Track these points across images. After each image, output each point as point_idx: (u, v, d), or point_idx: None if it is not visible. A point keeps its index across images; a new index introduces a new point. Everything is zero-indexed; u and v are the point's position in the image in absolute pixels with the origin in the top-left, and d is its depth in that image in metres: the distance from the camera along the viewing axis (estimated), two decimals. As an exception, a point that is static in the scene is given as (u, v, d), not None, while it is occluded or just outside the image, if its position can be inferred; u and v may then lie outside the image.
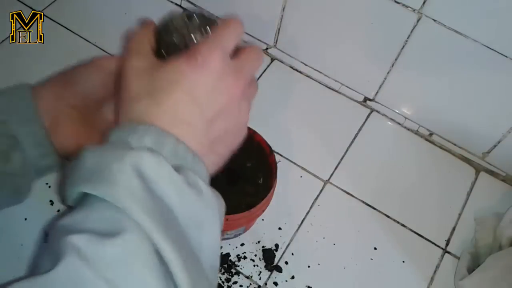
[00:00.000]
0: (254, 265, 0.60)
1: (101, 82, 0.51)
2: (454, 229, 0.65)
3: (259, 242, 0.61)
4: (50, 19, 0.77)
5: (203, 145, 0.37)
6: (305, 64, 0.75)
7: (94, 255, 0.29)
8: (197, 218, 0.34)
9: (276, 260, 0.60)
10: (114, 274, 0.28)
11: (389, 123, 0.73)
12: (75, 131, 0.49)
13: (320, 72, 0.75)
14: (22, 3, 0.78)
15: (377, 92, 0.72)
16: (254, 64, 0.41)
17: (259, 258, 0.60)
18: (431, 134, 0.72)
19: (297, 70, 0.76)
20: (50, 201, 0.61)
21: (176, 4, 0.80)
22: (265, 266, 0.60)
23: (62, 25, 0.77)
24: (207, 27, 0.42)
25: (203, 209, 0.34)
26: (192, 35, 0.41)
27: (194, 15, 0.42)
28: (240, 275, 0.59)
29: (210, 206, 0.35)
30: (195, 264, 0.33)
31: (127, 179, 0.31)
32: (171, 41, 0.41)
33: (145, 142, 0.34)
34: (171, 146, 0.34)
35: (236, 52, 0.41)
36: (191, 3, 0.79)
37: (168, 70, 0.36)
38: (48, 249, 0.31)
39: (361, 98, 0.74)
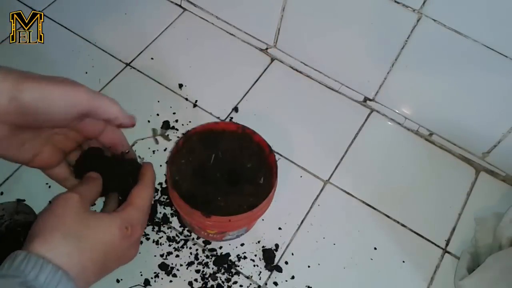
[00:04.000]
0: (254, 265, 0.60)
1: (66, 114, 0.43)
2: (454, 229, 0.65)
3: (259, 242, 0.61)
4: (50, 19, 0.77)
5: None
6: (305, 64, 0.75)
7: None
8: None
9: (276, 260, 0.60)
10: None
11: (389, 123, 0.73)
12: None
13: (320, 72, 0.75)
14: (22, 3, 0.78)
15: (377, 92, 0.72)
16: None
17: (259, 258, 0.60)
18: (431, 134, 0.72)
19: (297, 70, 0.76)
20: (49, 201, 0.61)
21: (176, 4, 0.80)
22: (265, 266, 0.60)
23: (62, 25, 0.77)
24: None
25: None
26: None
27: None
28: (240, 275, 0.59)
29: None
30: None
31: None
32: None
33: None
34: None
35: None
36: (191, 3, 0.79)
37: (101, 225, 0.43)
38: None
39: (361, 98, 0.74)
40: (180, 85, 0.73)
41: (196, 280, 0.58)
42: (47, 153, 0.47)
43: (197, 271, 0.59)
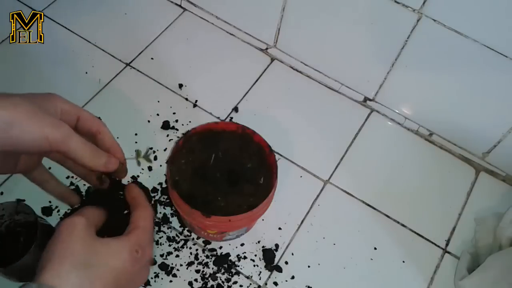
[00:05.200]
0: (254, 265, 0.60)
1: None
2: (454, 229, 0.65)
3: (259, 242, 0.61)
4: (50, 19, 0.77)
5: None
6: (305, 64, 0.75)
7: None
8: None
9: (276, 260, 0.60)
10: None
11: (389, 123, 0.73)
12: None
13: (320, 72, 0.75)
14: (22, 3, 0.78)
15: (377, 92, 0.72)
16: None
17: (259, 258, 0.60)
18: (431, 134, 0.72)
19: (297, 70, 0.76)
20: (49, 201, 0.61)
21: (176, 4, 0.80)
22: (265, 266, 0.60)
23: (62, 25, 0.77)
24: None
25: None
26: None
27: None
28: (240, 275, 0.59)
29: None
30: None
31: None
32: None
33: None
34: None
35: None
36: (191, 3, 0.79)
37: (111, 251, 0.42)
38: None
39: (361, 98, 0.74)
40: (180, 85, 0.73)
41: (196, 280, 0.58)
42: (23, 159, 0.46)
43: (197, 271, 0.59)
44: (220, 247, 0.61)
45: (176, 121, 0.69)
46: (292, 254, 0.61)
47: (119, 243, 0.43)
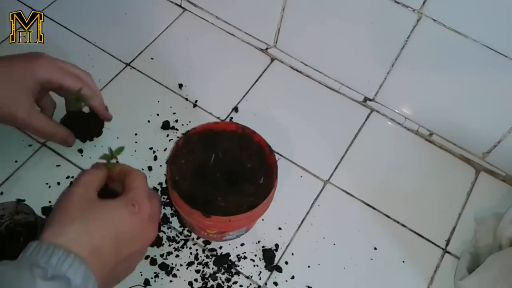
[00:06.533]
0: (254, 265, 0.60)
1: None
2: (454, 229, 0.65)
3: (259, 242, 0.61)
4: (50, 19, 0.77)
5: (106, 277, 0.43)
6: (305, 64, 0.75)
7: None
8: None
9: (276, 260, 0.60)
10: None
11: (389, 123, 0.73)
12: None
13: (320, 72, 0.75)
14: (22, 3, 0.78)
15: (377, 92, 0.72)
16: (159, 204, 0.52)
17: (259, 258, 0.60)
18: (431, 134, 0.72)
19: (297, 70, 0.76)
20: (49, 201, 0.61)
21: (176, 4, 0.80)
22: (265, 266, 0.60)
23: (62, 25, 0.77)
24: None
25: None
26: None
27: None
28: (240, 275, 0.59)
29: None
30: None
31: None
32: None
33: (76, 280, 0.39)
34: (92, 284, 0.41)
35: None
36: (191, 3, 0.79)
37: (108, 207, 0.44)
38: None
39: (361, 98, 0.74)
40: (180, 85, 0.73)
41: (196, 280, 0.58)
42: None
43: (197, 271, 0.59)
44: (220, 247, 0.61)
45: (176, 121, 0.69)
46: (292, 254, 0.61)
47: (116, 200, 0.45)
